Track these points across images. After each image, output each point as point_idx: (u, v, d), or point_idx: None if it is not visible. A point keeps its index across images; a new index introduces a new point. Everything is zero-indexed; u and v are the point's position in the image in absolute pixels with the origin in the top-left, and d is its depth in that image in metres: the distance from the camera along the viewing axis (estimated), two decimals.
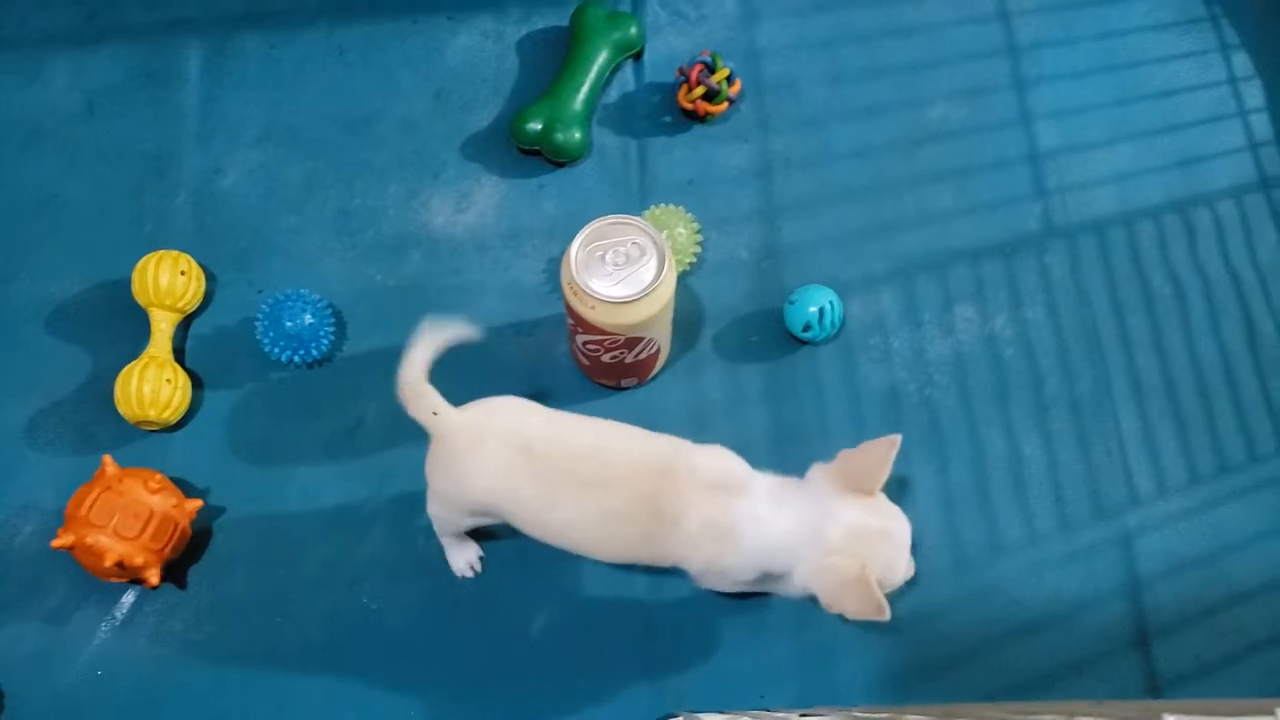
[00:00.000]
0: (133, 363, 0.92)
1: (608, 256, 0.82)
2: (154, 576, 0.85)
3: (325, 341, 0.95)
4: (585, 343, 0.88)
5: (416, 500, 0.93)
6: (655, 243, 0.83)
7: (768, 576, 0.77)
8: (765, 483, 0.77)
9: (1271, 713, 0.47)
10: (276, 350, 0.94)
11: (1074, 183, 1.06)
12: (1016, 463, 0.95)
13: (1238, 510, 0.94)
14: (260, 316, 0.94)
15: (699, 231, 1.01)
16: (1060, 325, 1.00)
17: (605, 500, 0.76)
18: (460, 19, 1.13)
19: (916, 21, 1.14)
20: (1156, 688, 0.88)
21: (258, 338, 0.94)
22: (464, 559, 0.91)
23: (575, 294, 0.82)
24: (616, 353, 0.88)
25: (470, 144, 1.07)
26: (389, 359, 0.97)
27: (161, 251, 0.96)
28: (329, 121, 1.08)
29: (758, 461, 0.93)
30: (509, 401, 0.80)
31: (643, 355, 0.90)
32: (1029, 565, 0.92)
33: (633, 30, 1.08)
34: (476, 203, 1.05)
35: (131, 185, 1.04)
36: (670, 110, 1.08)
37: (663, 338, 0.90)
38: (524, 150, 1.06)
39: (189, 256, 0.97)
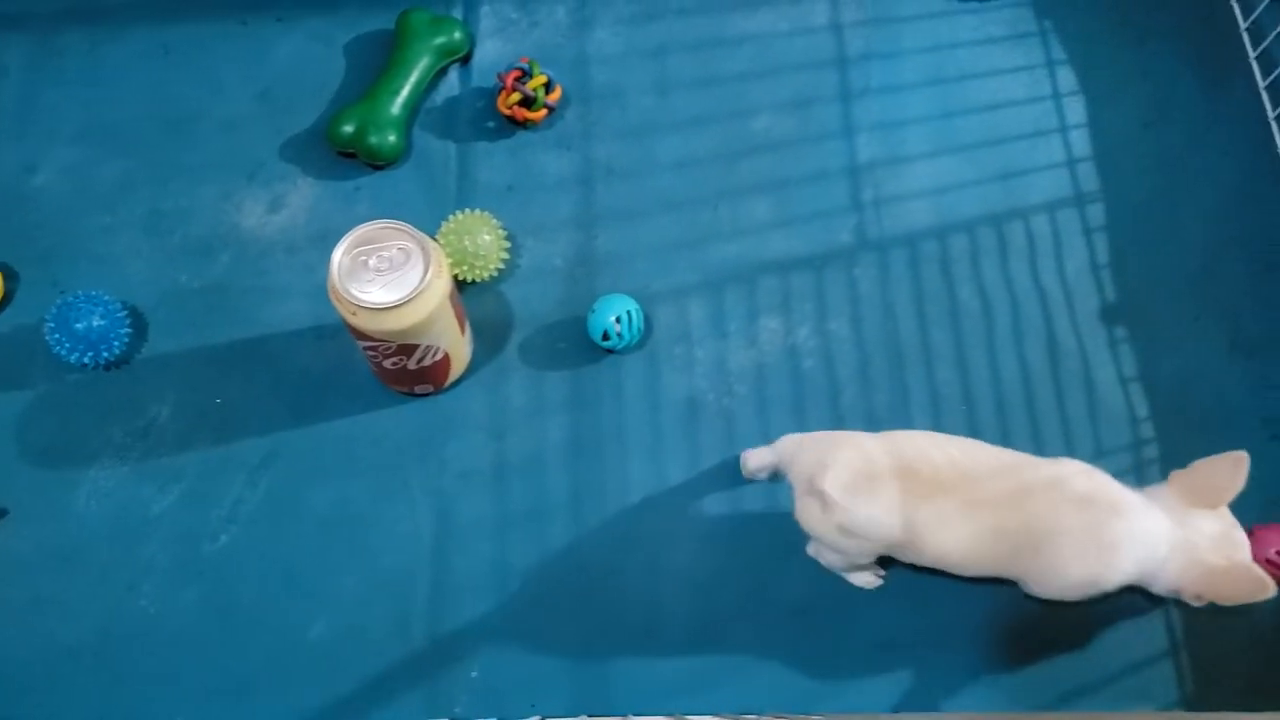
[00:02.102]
0: None
1: (371, 262, 0.82)
2: None
3: (118, 344, 0.95)
4: (364, 349, 0.88)
5: (203, 501, 0.93)
6: (422, 248, 0.82)
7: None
8: (1136, 499, 0.80)
9: None
10: (64, 351, 0.93)
11: (890, 195, 1.06)
12: None
13: None
14: (49, 318, 0.94)
15: (507, 238, 1.01)
16: (863, 338, 1.00)
17: (983, 517, 0.79)
18: (290, 20, 1.13)
19: (749, 31, 1.14)
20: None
21: (46, 339, 0.94)
22: (867, 576, 0.90)
23: (337, 300, 0.82)
24: (395, 359, 0.88)
25: (289, 146, 1.07)
26: (188, 361, 0.99)
27: None
28: (149, 121, 1.07)
29: (554, 470, 0.95)
30: (855, 435, 0.82)
31: (427, 362, 0.90)
32: (817, 574, 0.92)
33: (457, 35, 1.08)
34: (289, 204, 1.04)
35: None
36: (494, 116, 1.08)
37: (447, 344, 0.90)
38: (342, 153, 1.06)
39: None
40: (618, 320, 0.96)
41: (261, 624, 0.90)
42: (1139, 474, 0.95)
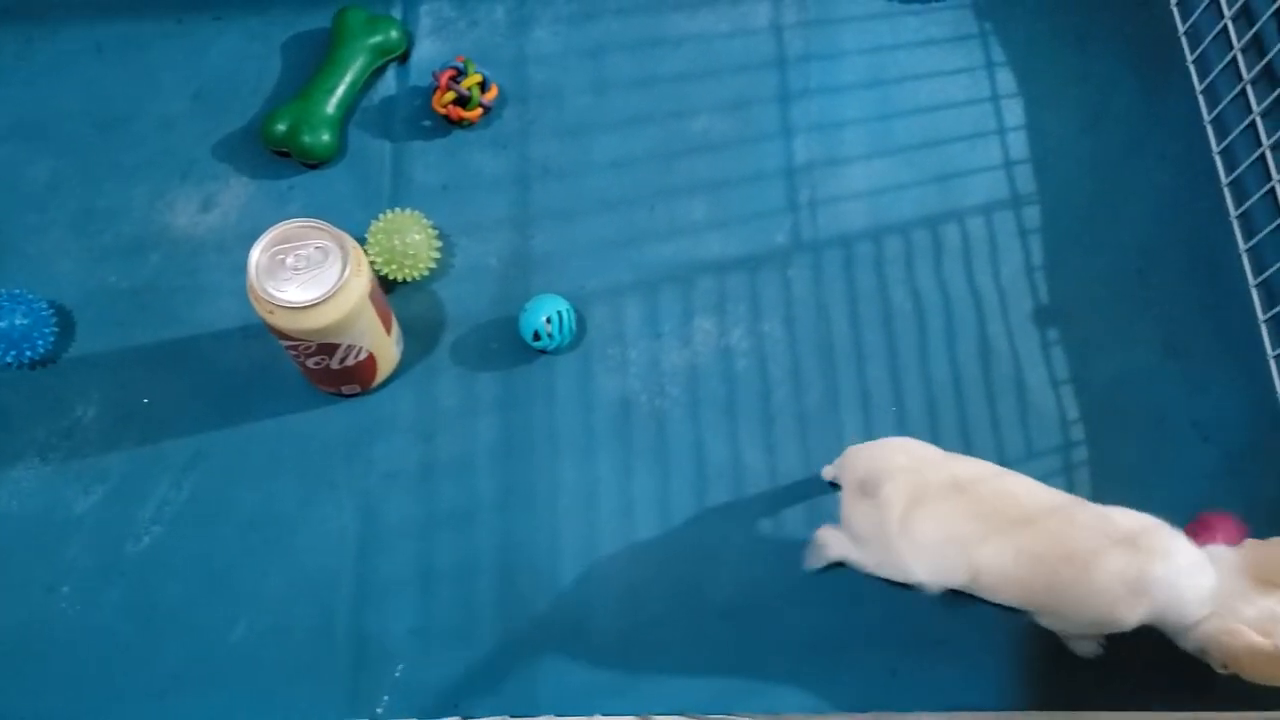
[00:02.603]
0: None
1: (289, 260, 0.81)
2: None
3: (42, 343, 0.94)
4: (286, 348, 0.87)
5: (127, 501, 0.93)
6: (340, 246, 0.82)
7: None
8: (1187, 552, 0.77)
9: None
10: None
11: (826, 197, 1.06)
12: (738, 471, 0.95)
13: None
14: None
15: (439, 237, 1.01)
16: (795, 339, 1.00)
17: (1024, 540, 0.78)
18: (227, 19, 1.12)
19: (689, 32, 1.14)
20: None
21: None
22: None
23: (255, 298, 0.81)
24: (317, 358, 0.87)
25: (223, 145, 1.06)
26: (115, 361, 0.98)
27: None
28: (81, 119, 1.06)
29: (484, 470, 0.95)
30: (905, 441, 0.83)
31: (350, 362, 0.89)
32: (746, 576, 0.92)
33: (393, 34, 1.08)
34: (222, 203, 1.04)
35: None
36: (430, 115, 1.08)
37: (370, 343, 0.89)
38: (277, 152, 1.05)
39: None
40: (548, 320, 0.96)
41: (184, 625, 0.89)
42: (1068, 476, 0.95)
